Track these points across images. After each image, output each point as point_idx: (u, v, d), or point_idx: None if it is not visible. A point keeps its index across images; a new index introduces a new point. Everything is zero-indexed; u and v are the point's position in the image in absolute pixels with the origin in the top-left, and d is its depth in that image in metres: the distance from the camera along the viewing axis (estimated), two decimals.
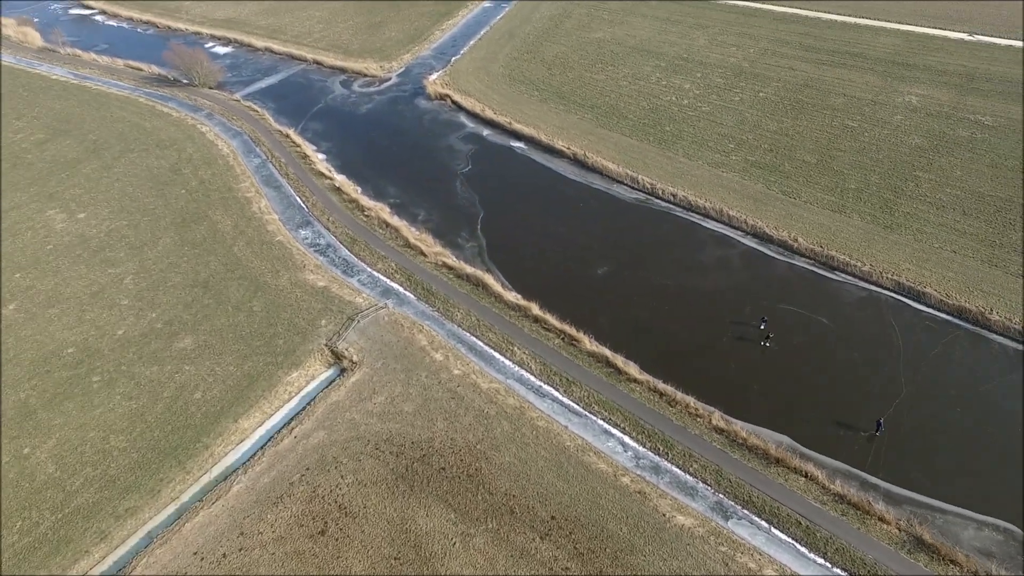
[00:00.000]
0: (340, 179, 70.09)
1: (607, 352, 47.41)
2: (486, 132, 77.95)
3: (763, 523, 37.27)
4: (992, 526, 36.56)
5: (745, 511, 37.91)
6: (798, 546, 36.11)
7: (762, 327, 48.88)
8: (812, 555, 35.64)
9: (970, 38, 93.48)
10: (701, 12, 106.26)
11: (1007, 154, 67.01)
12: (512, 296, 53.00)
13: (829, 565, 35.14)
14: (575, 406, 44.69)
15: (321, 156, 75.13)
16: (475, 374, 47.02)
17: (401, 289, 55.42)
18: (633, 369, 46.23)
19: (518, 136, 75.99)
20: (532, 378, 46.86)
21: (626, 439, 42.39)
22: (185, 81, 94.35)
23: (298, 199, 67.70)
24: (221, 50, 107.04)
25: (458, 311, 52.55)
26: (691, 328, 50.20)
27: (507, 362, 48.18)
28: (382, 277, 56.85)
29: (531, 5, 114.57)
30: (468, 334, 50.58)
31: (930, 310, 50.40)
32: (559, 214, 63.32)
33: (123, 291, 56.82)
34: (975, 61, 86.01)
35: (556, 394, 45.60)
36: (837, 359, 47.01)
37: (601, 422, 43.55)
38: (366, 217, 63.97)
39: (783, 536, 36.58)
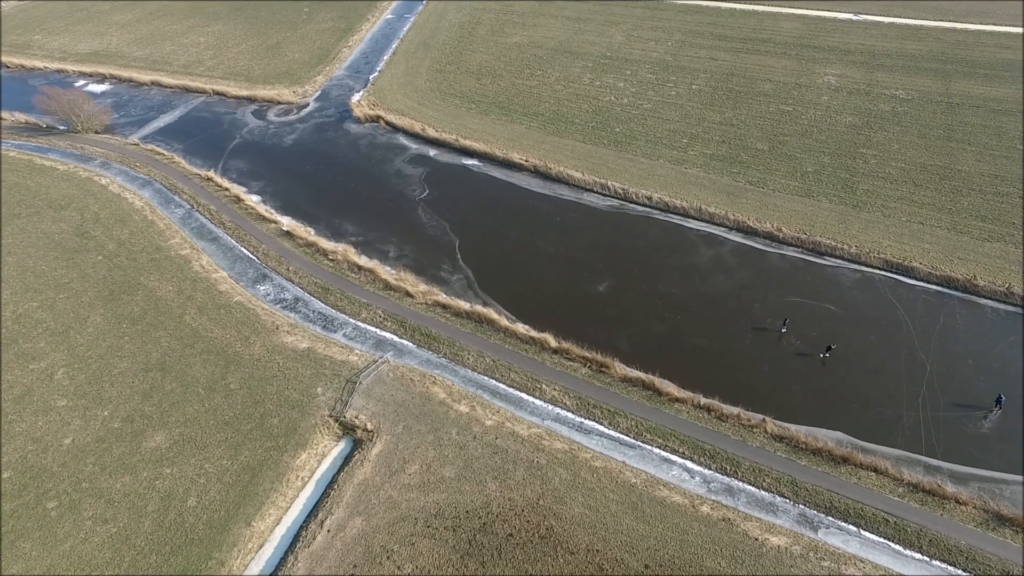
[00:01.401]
0: (287, 221, 63.06)
1: (641, 375, 45.22)
2: (432, 152, 73.40)
3: (852, 527, 36.56)
4: None
5: (830, 518, 37.05)
6: (892, 545, 35.68)
7: (783, 329, 48.59)
8: (909, 552, 35.31)
9: (856, 18, 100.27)
10: (608, 9, 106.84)
11: (930, 123, 71.94)
12: (522, 329, 49.47)
13: (928, 559, 34.96)
14: (626, 438, 42.10)
15: (255, 198, 67.39)
16: (510, 421, 43.18)
17: (396, 338, 50.24)
18: (672, 388, 44.36)
19: (469, 153, 72.10)
20: (570, 415, 43.73)
21: (689, 464, 40.38)
22: (63, 128, 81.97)
23: (244, 250, 60.08)
24: (96, 88, 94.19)
25: (468, 354, 48.29)
26: (711, 335, 49.11)
27: (539, 402, 44.71)
28: (370, 327, 51.33)
29: (436, 14, 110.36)
30: (487, 378, 46.53)
31: (921, 283, 52.46)
32: (538, 231, 60.35)
33: (56, 389, 47.48)
34: (870, 39, 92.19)
35: (601, 428, 42.78)
36: (856, 345, 47.62)
37: (658, 450, 41.27)
38: (331, 261, 57.75)
39: (875, 537, 36.03)
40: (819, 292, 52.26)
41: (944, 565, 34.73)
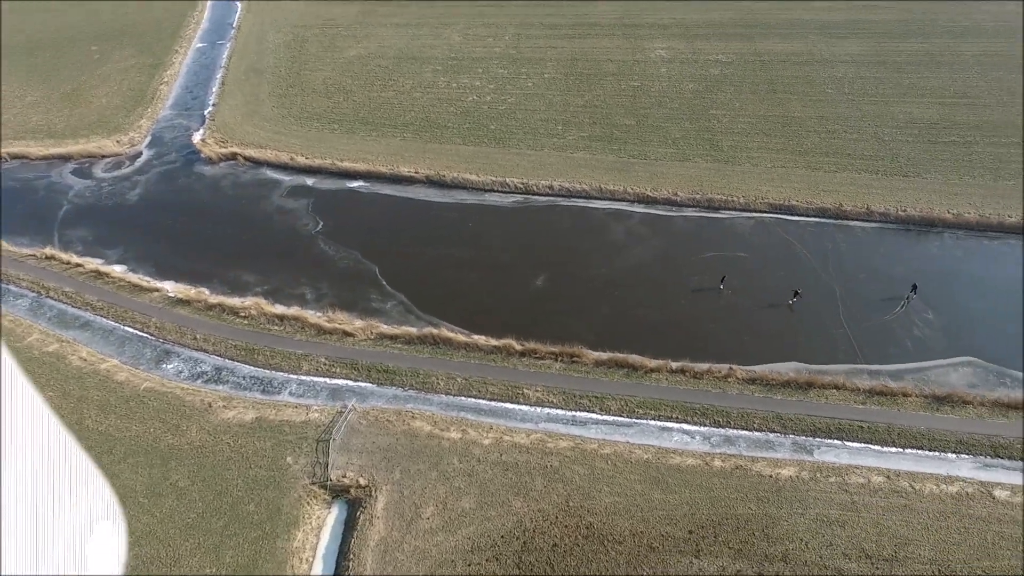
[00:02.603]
0: (171, 286, 55.30)
1: (612, 355, 46.43)
2: (310, 181, 68.40)
3: (836, 442, 41.01)
4: (961, 364, 45.54)
5: (818, 439, 41.21)
6: (872, 447, 40.62)
7: (721, 286, 52.38)
8: (887, 448, 40.47)
9: None
10: (433, 11, 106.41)
11: (755, 81, 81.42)
12: (482, 340, 48.31)
13: (902, 450, 40.31)
14: (620, 419, 43.17)
15: (119, 268, 58.12)
16: (507, 434, 42.15)
17: (351, 382, 46.61)
18: (644, 360, 46.15)
19: (351, 175, 68.24)
20: (561, 412, 43.82)
21: (686, 427, 42.47)
22: None
23: (131, 329, 51.80)
24: None
25: (437, 379, 46.21)
26: (654, 303, 51.76)
27: (526, 408, 44.19)
28: (318, 378, 47.04)
29: (254, 37, 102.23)
30: (465, 398, 44.95)
31: (803, 218, 59.56)
32: (454, 241, 59.10)
33: None
34: (678, 13, 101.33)
35: (596, 416, 43.44)
36: (775, 282, 52.92)
37: (653, 422, 42.87)
38: (244, 319, 51.79)
39: (857, 445, 40.77)
40: (727, 243, 57.26)
41: (915, 451, 40.29)
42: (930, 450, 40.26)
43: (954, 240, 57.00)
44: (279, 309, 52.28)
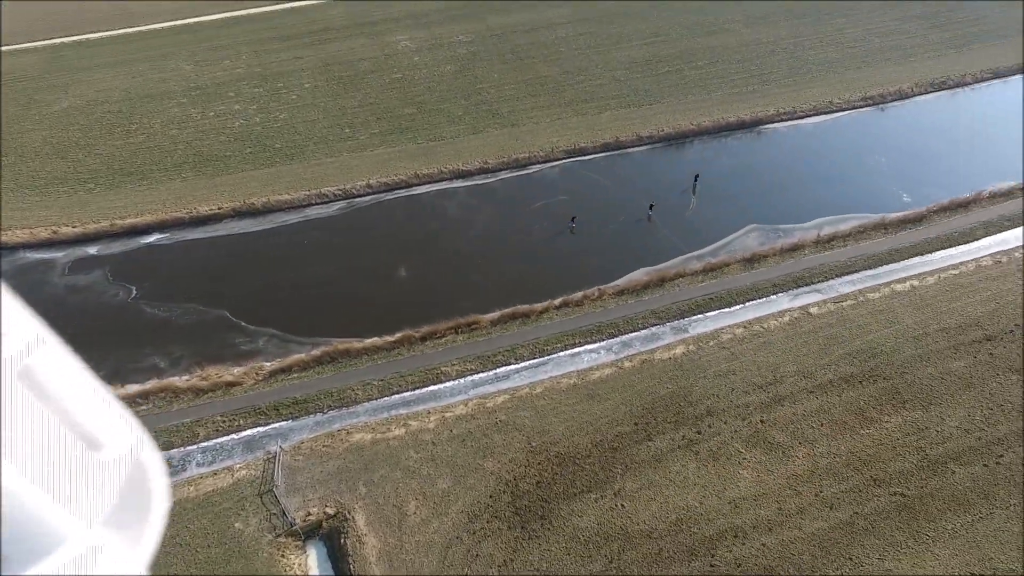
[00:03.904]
0: None
1: (502, 312, 50.06)
2: (92, 249, 58.99)
3: (699, 316, 50.08)
4: (750, 231, 58.16)
5: (687, 319, 49.81)
6: (724, 310, 50.46)
7: (573, 224, 58.58)
8: (734, 307, 50.51)
9: None
10: (142, 44, 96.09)
11: (500, 52, 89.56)
12: (379, 341, 48.27)
13: (743, 304, 50.89)
14: (535, 360, 47.19)
15: None
16: (447, 411, 43.59)
17: (263, 428, 43.44)
18: (531, 307, 50.61)
19: (140, 231, 60.48)
20: (485, 374, 46.35)
21: (589, 347, 48.09)
22: None
23: None
24: None
25: (352, 391, 45.27)
26: (514, 257, 56.51)
27: (451, 383, 45.84)
28: (223, 438, 42.90)
29: None
30: (390, 397, 44.98)
31: (593, 156, 68.75)
32: (297, 263, 56.82)
33: None
34: (405, 6, 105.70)
35: (514, 367, 46.83)
36: (600, 212, 61.09)
37: (563, 353, 47.70)
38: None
39: (714, 312, 50.28)
40: (547, 192, 64.03)
41: (751, 302, 51.10)
42: (760, 298, 51.44)
43: (702, 144, 71.06)
44: (135, 388, 45.77)
